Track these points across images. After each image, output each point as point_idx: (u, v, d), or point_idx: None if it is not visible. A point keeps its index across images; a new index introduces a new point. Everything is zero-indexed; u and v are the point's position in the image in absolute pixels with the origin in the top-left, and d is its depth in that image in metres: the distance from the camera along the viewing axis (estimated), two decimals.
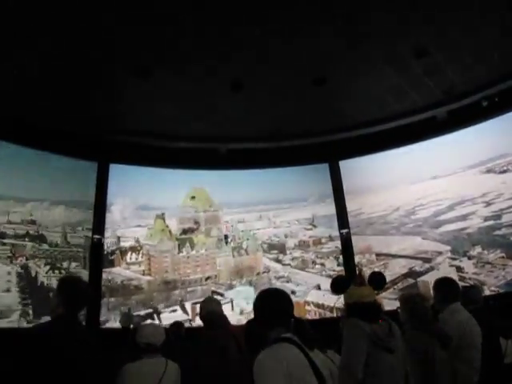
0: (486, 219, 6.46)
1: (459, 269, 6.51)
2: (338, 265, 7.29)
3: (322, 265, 7.42)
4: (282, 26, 4.68)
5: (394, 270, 6.94)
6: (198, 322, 3.27)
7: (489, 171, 6.53)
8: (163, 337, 2.87)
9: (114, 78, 5.39)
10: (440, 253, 6.78)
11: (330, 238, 7.56)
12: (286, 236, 7.82)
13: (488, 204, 6.49)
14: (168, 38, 4.75)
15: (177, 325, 4.84)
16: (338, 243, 7.36)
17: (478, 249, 6.45)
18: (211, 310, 3.14)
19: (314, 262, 7.47)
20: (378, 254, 7.22)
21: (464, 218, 6.68)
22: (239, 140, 7.15)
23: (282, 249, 7.68)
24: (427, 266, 6.79)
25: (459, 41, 5.12)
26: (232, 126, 6.76)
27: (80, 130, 6.44)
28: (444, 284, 3.39)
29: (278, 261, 7.56)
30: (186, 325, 5.88)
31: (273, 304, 2.10)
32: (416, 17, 4.63)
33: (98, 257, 6.46)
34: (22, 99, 5.64)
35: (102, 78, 5.38)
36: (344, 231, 7.15)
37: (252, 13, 4.44)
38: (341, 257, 7.27)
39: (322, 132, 7.10)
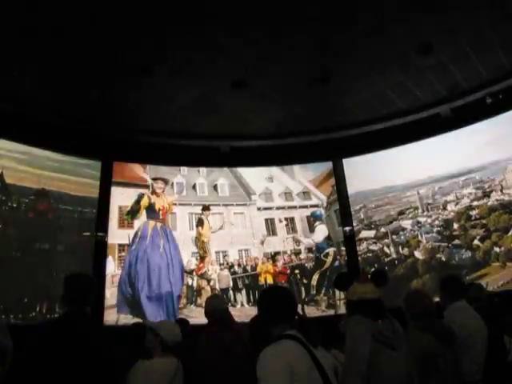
0: None
1: None
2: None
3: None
4: (285, 25, 4.67)
5: None
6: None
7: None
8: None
9: (118, 77, 5.40)
10: None
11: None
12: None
13: None
14: (170, 36, 4.76)
15: (182, 322, 4.84)
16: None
17: None
18: (216, 307, 3.15)
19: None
20: None
21: None
22: (242, 138, 7.16)
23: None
24: None
25: (463, 38, 5.11)
26: (235, 124, 6.77)
27: (83, 129, 6.46)
28: (450, 281, 3.39)
29: None
30: None
31: (277, 301, 2.11)
32: (420, 14, 4.62)
33: (102, 254, 6.47)
34: (25, 97, 5.67)
35: (105, 78, 5.40)
36: (347, 229, 7.14)
37: (255, 11, 4.44)
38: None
39: (325, 130, 7.10)
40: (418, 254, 6.75)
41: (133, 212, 6.78)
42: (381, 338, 2.35)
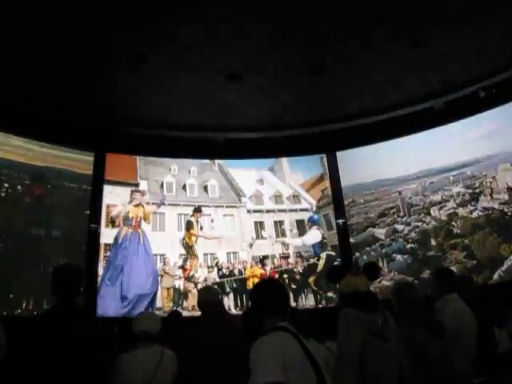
0: None
1: None
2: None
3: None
4: (282, 16, 4.65)
5: None
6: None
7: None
8: (159, 325, 2.88)
9: (112, 67, 5.35)
10: None
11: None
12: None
13: None
14: (166, 26, 4.71)
15: (174, 314, 4.86)
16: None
17: None
18: (208, 298, 3.16)
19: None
20: None
21: None
22: (236, 130, 7.12)
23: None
24: None
25: (457, 31, 5.11)
26: (229, 116, 6.75)
27: (77, 120, 6.40)
28: (442, 274, 3.41)
29: None
30: None
31: (269, 293, 2.12)
32: (415, 7, 4.61)
33: (95, 246, 6.44)
34: (18, 87, 5.60)
35: (99, 68, 5.34)
36: (340, 221, 7.16)
37: (252, 4, 4.41)
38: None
39: (319, 122, 7.07)
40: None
41: (112, 222, 6.85)
42: (373, 330, 2.36)
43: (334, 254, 7.06)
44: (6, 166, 5.93)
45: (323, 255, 7.07)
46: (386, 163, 7.08)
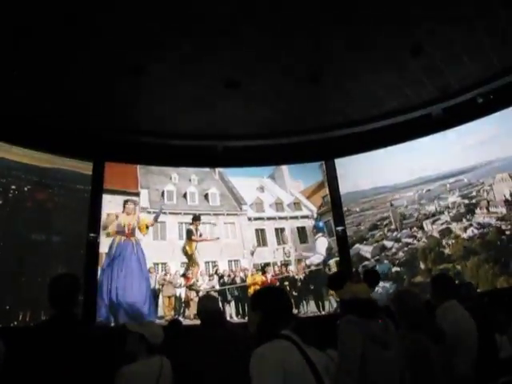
0: None
1: None
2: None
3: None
4: (280, 25, 4.68)
5: None
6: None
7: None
8: (161, 335, 2.86)
9: (111, 76, 5.37)
10: None
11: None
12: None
13: None
14: (166, 36, 4.74)
15: (174, 323, 4.84)
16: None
17: None
18: (207, 307, 3.15)
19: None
20: None
21: None
22: (235, 138, 7.15)
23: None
24: None
25: (455, 39, 5.14)
26: (228, 124, 6.77)
27: (75, 129, 6.41)
28: (441, 281, 3.41)
29: None
30: None
31: (271, 301, 2.11)
32: (413, 15, 4.65)
33: (93, 255, 6.42)
34: (16, 97, 5.62)
35: (98, 77, 5.36)
36: (340, 229, 7.16)
37: (250, 12, 4.44)
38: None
39: (317, 130, 7.10)
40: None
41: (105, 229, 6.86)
42: (374, 338, 2.36)
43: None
44: (13, 167, 5.98)
45: (332, 263, 7.07)
46: (385, 170, 7.10)
